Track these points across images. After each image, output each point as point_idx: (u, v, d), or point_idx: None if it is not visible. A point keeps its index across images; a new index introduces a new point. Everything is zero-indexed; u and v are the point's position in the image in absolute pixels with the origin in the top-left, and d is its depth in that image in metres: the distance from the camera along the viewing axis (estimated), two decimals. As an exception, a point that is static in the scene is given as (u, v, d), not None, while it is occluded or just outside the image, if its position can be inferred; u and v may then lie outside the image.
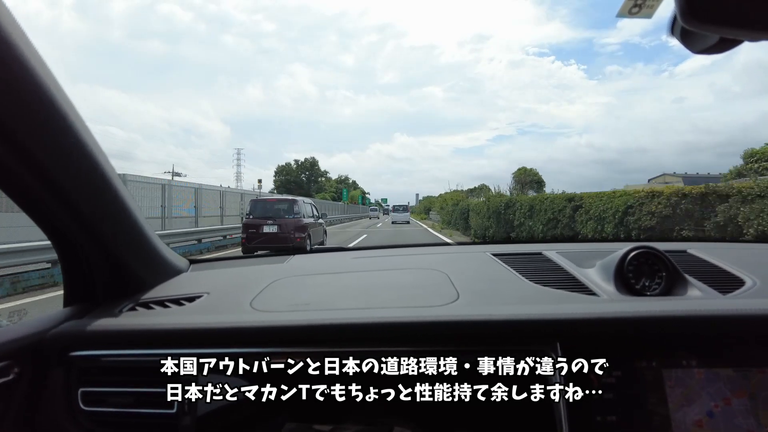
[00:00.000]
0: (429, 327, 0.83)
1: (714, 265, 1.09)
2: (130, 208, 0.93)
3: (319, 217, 11.89)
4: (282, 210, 10.20)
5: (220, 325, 0.86)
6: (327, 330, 0.84)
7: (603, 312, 0.83)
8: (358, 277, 1.15)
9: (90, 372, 0.85)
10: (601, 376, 0.77)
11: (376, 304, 0.94)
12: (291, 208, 10.21)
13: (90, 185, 0.82)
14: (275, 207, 10.35)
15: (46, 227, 0.88)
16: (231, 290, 1.07)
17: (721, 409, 0.75)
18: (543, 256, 1.19)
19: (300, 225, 9.94)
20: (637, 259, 0.96)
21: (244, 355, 0.84)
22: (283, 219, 9.90)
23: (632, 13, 1.34)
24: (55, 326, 0.86)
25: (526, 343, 0.82)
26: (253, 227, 9.69)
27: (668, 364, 0.77)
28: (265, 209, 10.21)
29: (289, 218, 9.97)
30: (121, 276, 0.99)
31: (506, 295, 0.97)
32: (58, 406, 0.84)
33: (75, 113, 0.75)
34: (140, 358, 0.85)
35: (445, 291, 0.98)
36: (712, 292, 0.94)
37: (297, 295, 1.02)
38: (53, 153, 0.73)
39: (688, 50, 0.43)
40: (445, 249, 1.48)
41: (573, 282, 1.00)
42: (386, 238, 17.44)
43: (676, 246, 1.24)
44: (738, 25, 0.36)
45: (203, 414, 0.84)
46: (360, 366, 0.86)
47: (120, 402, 0.84)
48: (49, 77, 0.69)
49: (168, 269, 1.14)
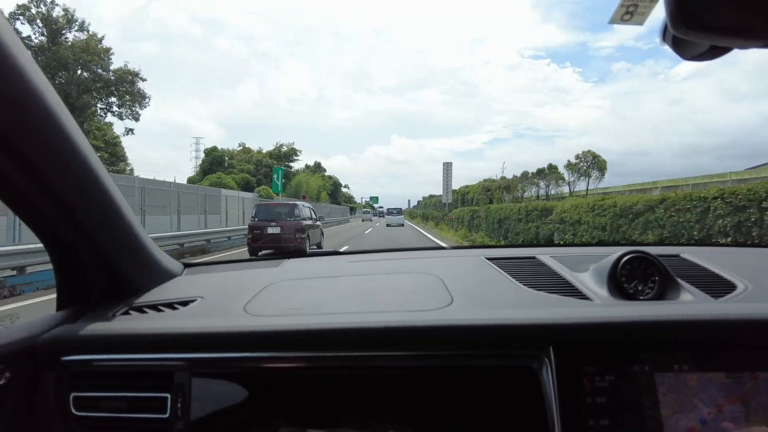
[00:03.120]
0: (423, 331, 0.81)
1: (707, 270, 1.07)
2: (124, 211, 0.89)
3: (316, 219, 12.54)
4: (284, 213, 10.82)
5: (213, 330, 0.82)
6: (321, 334, 0.81)
7: (596, 316, 0.80)
8: (352, 281, 1.11)
9: (82, 376, 0.81)
10: (593, 381, 0.74)
11: (370, 308, 0.91)
12: (292, 212, 10.84)
13: (83, 188, 0.79)
14: (277, 210, 10.99)
15: (38, 230, 0.84)
16: (225, 294, 1.03)
17: (714, 416, 0.72)
18: (537, 260, 1.16)
19: (300, 227, 10.54)
20: (630, 263, 0.94)
21: (238, 359, 0.81)
22: (284, 221, 10.49)
23: (624, 20, 1.32)
24: (48, 330, 0.83)
25: (519, 347, 0.80)
26: (258, 229, 10.30)
27: (660, 368, 0.75)
28: (268, 212, 10.83)
29: (290, 221, 10.57)
30: (114, 279, 0.95)
31: (500, 299, 0.95)
32: (50, 411, 0.80)
33: (67, 116, 0.72)
34: (133, 363, 0.82)
35: (439, 295, 0.95)
36: (704, 296, 0.92)
37: (291, 300, 0.98)
38: (45, 155, 0.70)
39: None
40: (440, 253, 1.44)
41: (567, 286, 0.98)
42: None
43: (670, 250, 1.22)
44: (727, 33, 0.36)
45: (197, 419, 0.80)
46: (354, 370, 0.84)
47: (113, 407, 0.80)
48: (41, 80, 0.66)
49: (162, 273, 1.10)
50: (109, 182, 0.84)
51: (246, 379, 0.85)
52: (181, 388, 0.79)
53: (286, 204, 11.56)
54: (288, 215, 10.70)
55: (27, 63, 0.63)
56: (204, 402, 0.81)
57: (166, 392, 0.79)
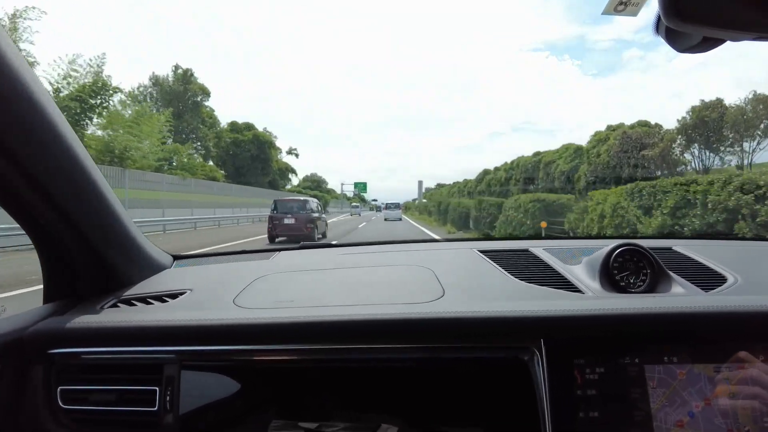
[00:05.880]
0: (414, 324, 0.78)
1: (698, 262, 1.04)
2: (112, 202, 0.86)
3: (322, 212, 14.62)
4: (297, 207, 12.93)
5: (202, 323, 0.80)
6: (311, 327, 0.78)
7: (587, 309, 0.78)
8: (343, 274, 1.08)
9: (70, 369, 0.79)
10: (584, 373, 0.72)
11: (361, 301, 0.88)
12: (304, 206, 13.03)
13: (70, 178, 0.76)
14: (291, 204, 13.13)
15: (24, 221, 0.81)
16: (214, 287, 1.00)
17: (702, 409, 0.71)
18: (530, 253, 1.13)
19: (310, 218, 12.65)
20: (622, 256, 0.92)
21: (228, 352, 0.79)
22: (298, 214, 12.59)
23: (617, 10, 1.25)
24: (35, 323, 0.80)
25: (510, 339, 0.78)
26: (276, 219, 12.50)
27: (650, 360, 0.73)
28: (285, 206, 13.03)
29: (303, 213, 12.67)
30: (102, 272, 0.93)
31: (492, 292, 0.92)
32: (38, 405, 0.78)
33: (53, 107, 0.69)
34: (122, 356, 0.79)
35: (430, 288, 0.92)
36: (695, 289, 0.90)
37: (281, 292, 0.96)
38: (32, 146, 0.68)
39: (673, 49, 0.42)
40: (432, 245, 1.40)
41: (559, 279, 0.96)
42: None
43: (662, 243, 1.19)
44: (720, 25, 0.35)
45: (186, 411, 0.78)
46: (345, 363, 0.81)
47: (101, 400, 0.78)
48: (26, 71, 0.64)
49: (151, 265, 1.07)
50: (96, 173, 0.81)
51: (236, 372, 0.83)
52: (171, 381, 0.77)
53: (299, 200, 13.85)
54: (300, 209, 12.82)
55: (14, 56, 0.61)
56: (193, 395, 0.79)
57: (155, 385, 0.77)
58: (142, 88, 36.86)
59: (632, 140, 14.45)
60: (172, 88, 37.72)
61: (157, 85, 38.05)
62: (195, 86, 38.83)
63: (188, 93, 38.24)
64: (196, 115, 38.31)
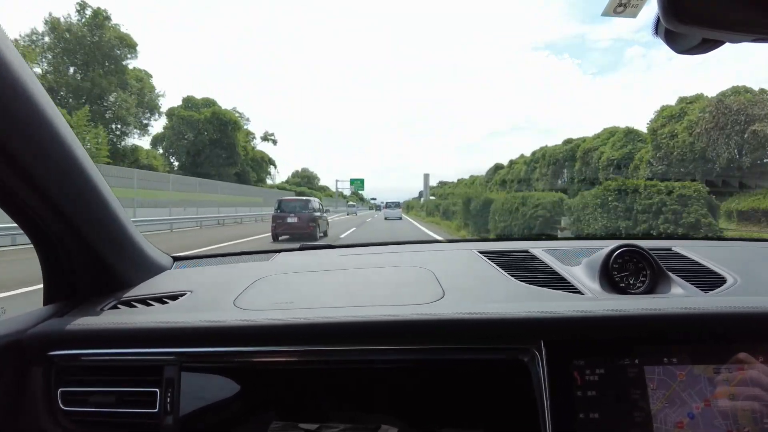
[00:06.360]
0: (414, 326, 0.78)
1: (697, 263, 1.03)
2: (111, 204, 0.86)
3: (323, 211, 14.90)
4: (299, 206, 13.15)
5: (202, 324, 0.79)
6: (311, 329, 0.78)
7: (587, 310, 0.77)
8: (343, 275, 1.08)
9: (70, 371, 0.79)
10: (584, 374, 0.72)
11: (361, 302, 0.88)
12: (306, 205, 13.27)
13: (69, 180, 0.76)
14: (294, 204, 13.39)
15: (24, 223, 0.81)
16: (214, 288, 1.00)
17: (702, 410, 0.70)
18: (530, 254, 1.12)
19: (312, 218, 12.88)
20: (621, 257, 0.91)
21: (228, 353, 0.79)
22: (300, 213, 12.80)
23: (617, 12, 1.25)
24: (35, 325, 0.80)
25: (510, 341, 0.77)
26: (280, 218, 12.73)
27: (650, 361, 0.72)
28: (288, 206, 13.28)
29: (305, 213, 12.89)
30: (102, 273, 0.92)
31: (492, 293, 0.91)
32: (38, 406, 0.78)
33: (52, 107, 0.69)
34: (122, 357, 0.79)
35: (430, 289, 0.92)
36: (694, 290, 0.89)
37: (281, 294, 0.95)
38: (30, 147, 0.67)
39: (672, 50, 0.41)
40: (433, 246, 1.40)
41: (559, 280, 0.95)
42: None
43: (661, 244, 1.19)
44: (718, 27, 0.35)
45: (187, 413, 0.78)
46: (345, 364, 0.81)
47: (101, 402, 0.77)
48: (26, 71, 0.63)
49: (151, 266, 1.06)
50: (96, 174, 0.81)
51: (236, 374, 0.83)
52: (171, 382, 0.76)
53: (302, 199, 14.22)
54: (303, 208, 13.07)
55: (13, 57, 0.61)
56: (194, 397, 0.78)
57: (156, 387, 0.76)
58: (35, 37, 25.64)
59: (732, 112, 10.83)
60: (76, 35, 26.15)
61: (54, 31, 26.37)
62: (111, 33, 26.61)
63: (101, 42, 26.28)
64: (113, 75, 26.65)
